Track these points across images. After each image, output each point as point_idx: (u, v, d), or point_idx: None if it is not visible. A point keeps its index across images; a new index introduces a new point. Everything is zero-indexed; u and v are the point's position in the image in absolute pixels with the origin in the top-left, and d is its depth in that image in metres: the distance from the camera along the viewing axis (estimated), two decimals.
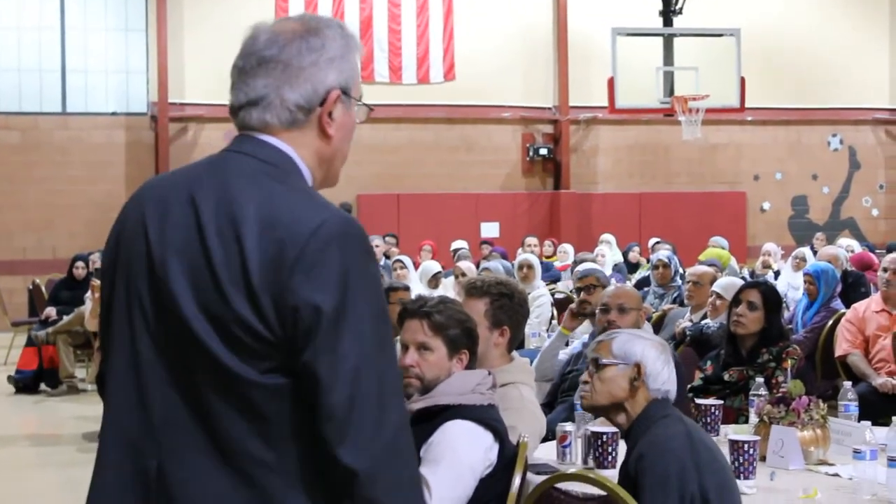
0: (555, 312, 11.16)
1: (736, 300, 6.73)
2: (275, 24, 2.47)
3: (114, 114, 21.59)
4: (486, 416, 4.33)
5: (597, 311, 6.76)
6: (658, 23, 21.14)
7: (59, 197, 21.32)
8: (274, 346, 2.27)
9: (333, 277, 2.27)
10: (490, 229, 22.93)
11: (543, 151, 23.71)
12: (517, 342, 5.35)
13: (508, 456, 4.31)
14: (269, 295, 2.26)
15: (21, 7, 21.52)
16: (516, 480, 4.24)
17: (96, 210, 20.65)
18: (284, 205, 2.32)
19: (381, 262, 15.23)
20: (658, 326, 9.27)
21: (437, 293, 10.74)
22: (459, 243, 17.85)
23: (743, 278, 11.15)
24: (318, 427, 2.27)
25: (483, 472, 4.25)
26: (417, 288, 11.84)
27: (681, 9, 21.13)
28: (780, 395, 5.23)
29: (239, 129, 2.47)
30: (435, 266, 13.32)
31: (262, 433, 2.30)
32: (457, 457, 4.20)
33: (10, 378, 13.93)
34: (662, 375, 4.02)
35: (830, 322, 9.31)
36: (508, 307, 5.15)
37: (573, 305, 8.04)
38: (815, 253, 14.02)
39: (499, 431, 4.33)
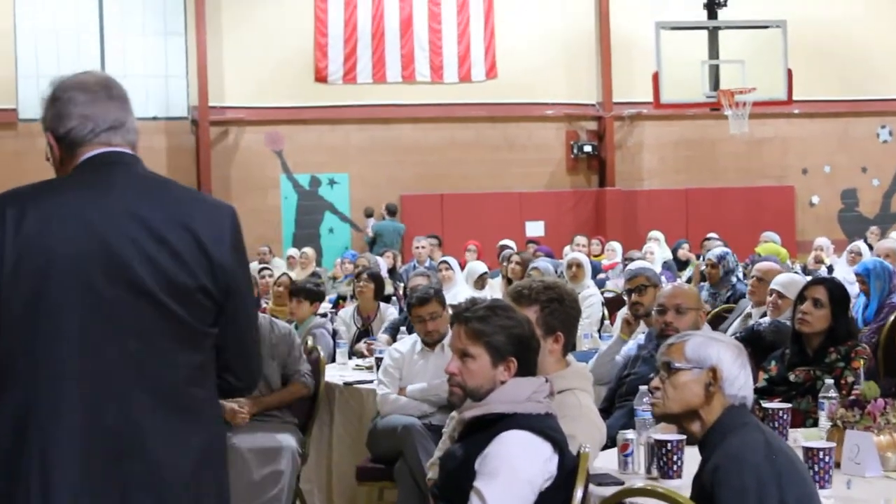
0: (605, 312, 10.91)
1: (801, 297, 6.43)
2: (95, 73, 3.53)
3: (154, 118, 21.49)
4: (544, 426, 4.10)
5: (653, 311, 6.51)
6: (702, 15, 20.89)
7: None
8: (217, 305, 3.11)
9: (242, 248, 3.21)
10: (535, 228, 22.72)
11: (588, 148, 23.50)
12: (571, 345, 5.11)
13: (569, 467, 4.08)
14: (220, 268, 3.09)
15: (59, 11, 21.45)
16: (578, 493, 4.00)
17: None
18: (201, 200, 3.21)
19: (427, 264, 15.00)
20: (713, 326, 8.97)
21: (484, 294, 10.49)
22: (506, 241, 17.58)
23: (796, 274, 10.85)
24: (233, 344, 3.19)
25: (543, 485, 4.03)
26: (464, 289, 11.62)
27: (725, 1, 20.84)
28: (853, 397, 4.96)
29: (101, 145, 3.23)
30: (481, 267, 13.10)
31: (204, 373, 3.11)
32: (514, 470, 3.97)
33: None
34: (739, 380, 3.75)
35: (893, 317, 9.03)
36: (559, 312, 4.90)
37: (626, 313, 7.77)
38: (870, 247, 13.73)
39: (558, 442, 4.10)
